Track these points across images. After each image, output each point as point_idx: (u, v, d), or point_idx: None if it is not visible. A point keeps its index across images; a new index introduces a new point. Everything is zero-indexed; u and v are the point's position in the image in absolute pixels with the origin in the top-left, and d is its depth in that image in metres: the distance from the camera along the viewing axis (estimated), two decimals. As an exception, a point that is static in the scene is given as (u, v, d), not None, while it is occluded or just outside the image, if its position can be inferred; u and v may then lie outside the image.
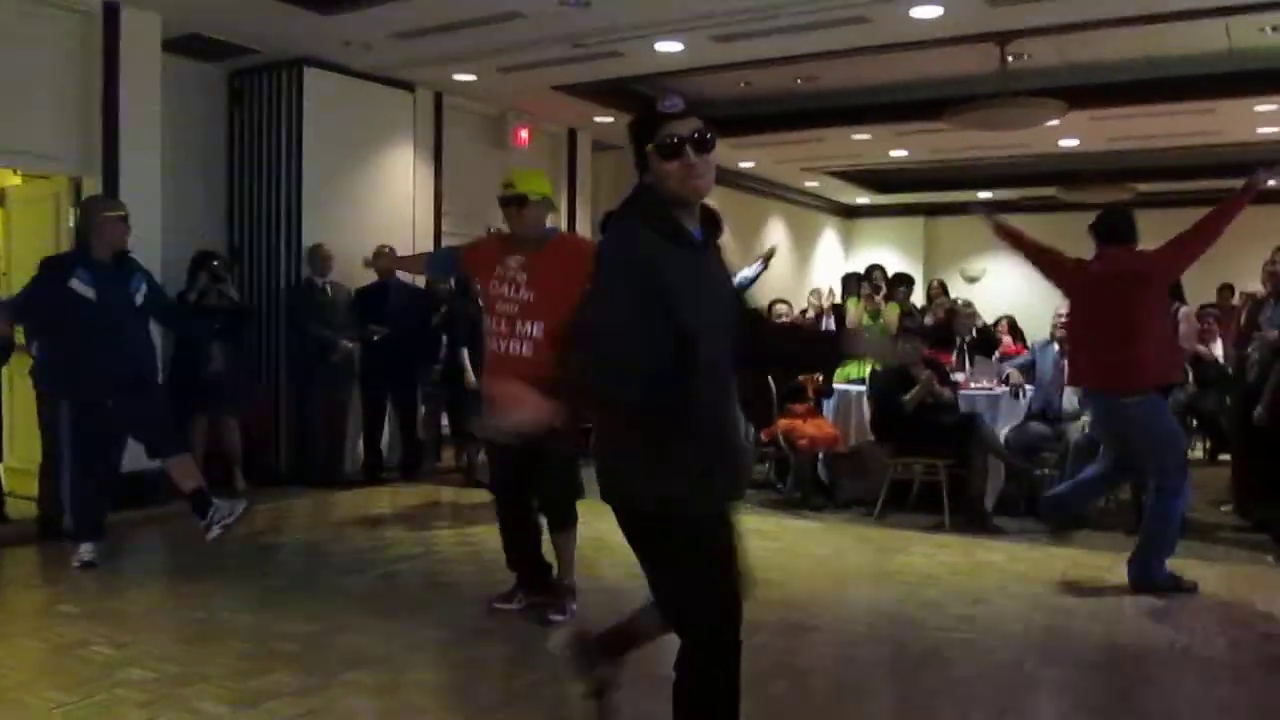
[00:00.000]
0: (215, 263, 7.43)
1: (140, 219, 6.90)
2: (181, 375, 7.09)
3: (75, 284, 5.28)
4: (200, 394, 7.22)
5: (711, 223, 2.58)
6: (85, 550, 5.37)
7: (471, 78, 9.02)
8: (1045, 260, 5.42)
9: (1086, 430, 6.78)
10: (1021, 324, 10.53)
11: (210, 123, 8.48)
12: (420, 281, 8.35)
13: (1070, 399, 7.09)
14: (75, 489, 5.55)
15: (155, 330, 5.94)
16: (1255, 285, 7.50)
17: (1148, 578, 5.08)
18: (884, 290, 8.84)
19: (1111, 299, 5.05)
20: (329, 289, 8.08)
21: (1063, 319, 7.31)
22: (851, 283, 9.53)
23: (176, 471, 5.53)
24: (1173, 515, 5.12)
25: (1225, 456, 8.89)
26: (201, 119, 8.36)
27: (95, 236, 5.43)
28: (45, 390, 5.66)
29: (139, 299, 5.54)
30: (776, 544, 6.29)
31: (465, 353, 7.80)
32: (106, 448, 5.57)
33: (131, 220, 6.53)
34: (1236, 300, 7.62)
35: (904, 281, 9.57)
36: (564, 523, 4.67)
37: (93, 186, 6.86)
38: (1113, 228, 5.22)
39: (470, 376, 7.72)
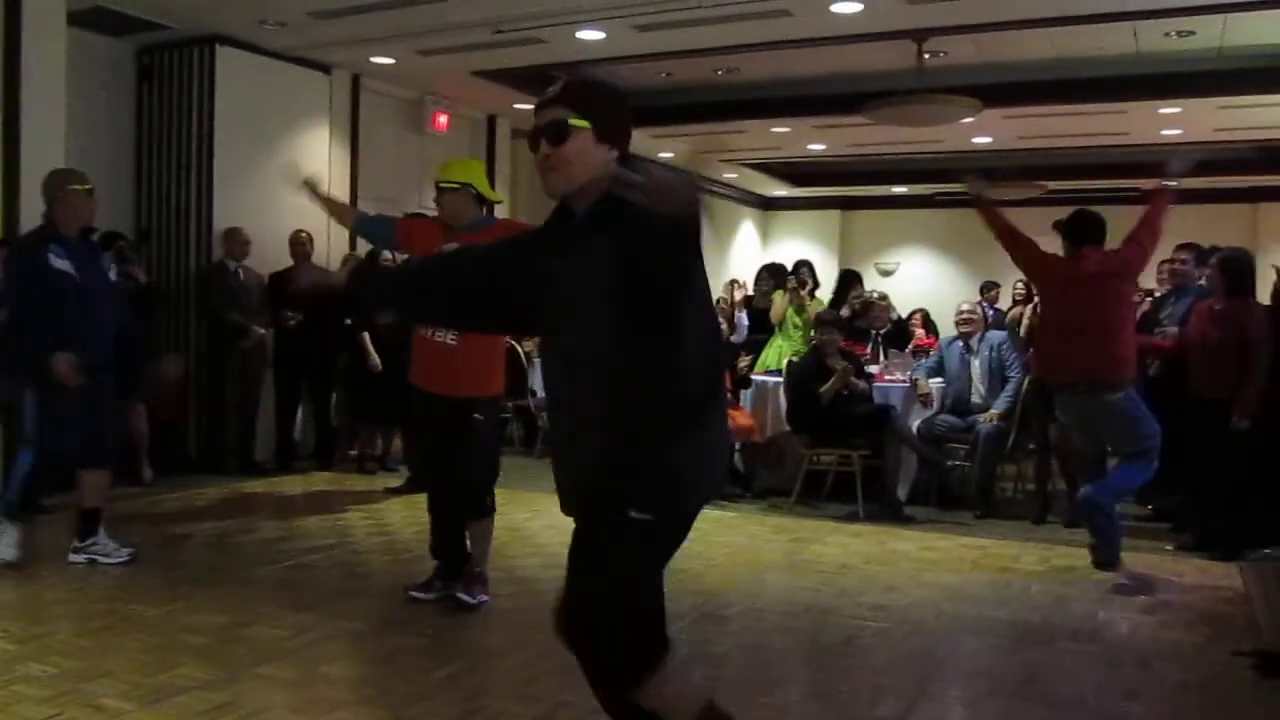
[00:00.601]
0: (122, 244, 7.24)
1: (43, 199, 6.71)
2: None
3: (54, 261, 4.94)
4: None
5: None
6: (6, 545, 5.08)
7: (390, 61, 8.88)
8: (1022, 249, 5.49)
9: (995, 422, 6.94)
10: (935, 317, 10.72)
11: (117, 101, 8.23)
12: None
13: (979, 391, 7.25)
14: (33, 476, 5.25)
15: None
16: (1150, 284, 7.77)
17: (1106, 498, 5.30)
18: (810, 286, 8.94)
19: (1098, 296, 5.19)
20: (241, 273, 7.90)
21: (964, 314, 7.47)
22: (766, 274, 9.58)
23: (90, 482, 5.19)
24: (1139, 477, 5.40)
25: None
26: (108, 96, 8.11)
27: (61, 211, 5.07)
28: (19, 370, 5.21)
29: (111, 276, 5.35)
30: (692, 533, 6.25)
31: (366, 336, 7.72)
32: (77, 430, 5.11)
33: (33, 198, 6.30)
34: (1135, 297, 7.82)
35: (856, 281, 9.63)
36: (481, 509, 4.65)
37: (-8, 165, 6.61)
38: (1092, 228, 5.37)
39: (374, 360, 7.66)
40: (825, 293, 10.08)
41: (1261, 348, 5.76)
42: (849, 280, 9.63)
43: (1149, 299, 7.55)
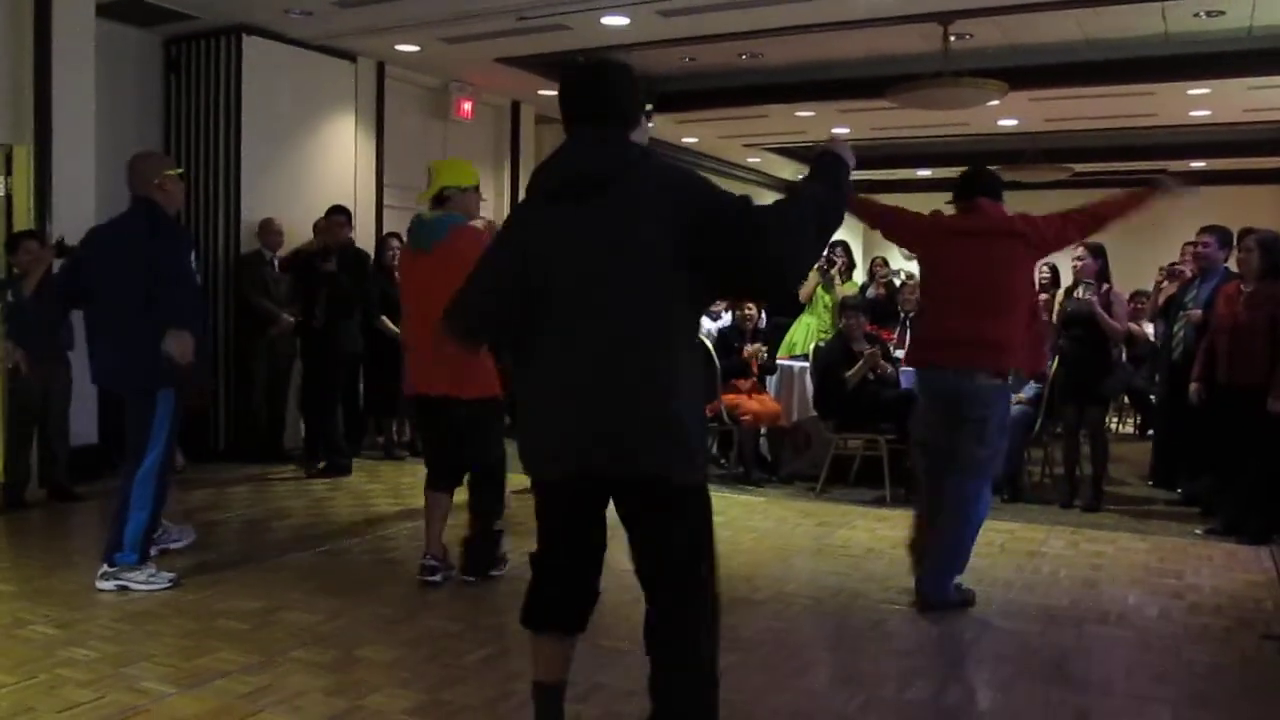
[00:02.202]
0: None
1: (74, 188, 6.79)
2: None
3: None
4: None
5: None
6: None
7: (414, 48, 8.91)
8: (890, 219, 4.70)
9: (1023, 406, 6.92)
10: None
11: (146, 91, 8.29)
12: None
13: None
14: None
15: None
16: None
17: (940, 595, 4.52)
18: (839, 264, 8.93)
19: (989, 257, 4.35)
20: (276, 263, 7.96)
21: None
22: None
23: None
24: (978, 520, 4.59)
25: (1154, 432, 9.14)
26: (137, 87, 8.18)
27: (162, 197, 4.69)
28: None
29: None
30: (720, 519, 6.25)
31: (385, 320, 7.80)
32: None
33: (64, 188, 6.35)
34: (1158, 274, 7.79)
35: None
36: (491, 490, 4.89)
37: (25, 155, 6.69)
38: (986, 181, 4.63)
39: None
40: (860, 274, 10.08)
41: None
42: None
43: (1166, 273, 7.48)
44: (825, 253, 9.00)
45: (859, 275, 10.52)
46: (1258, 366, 5.72)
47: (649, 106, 2.67)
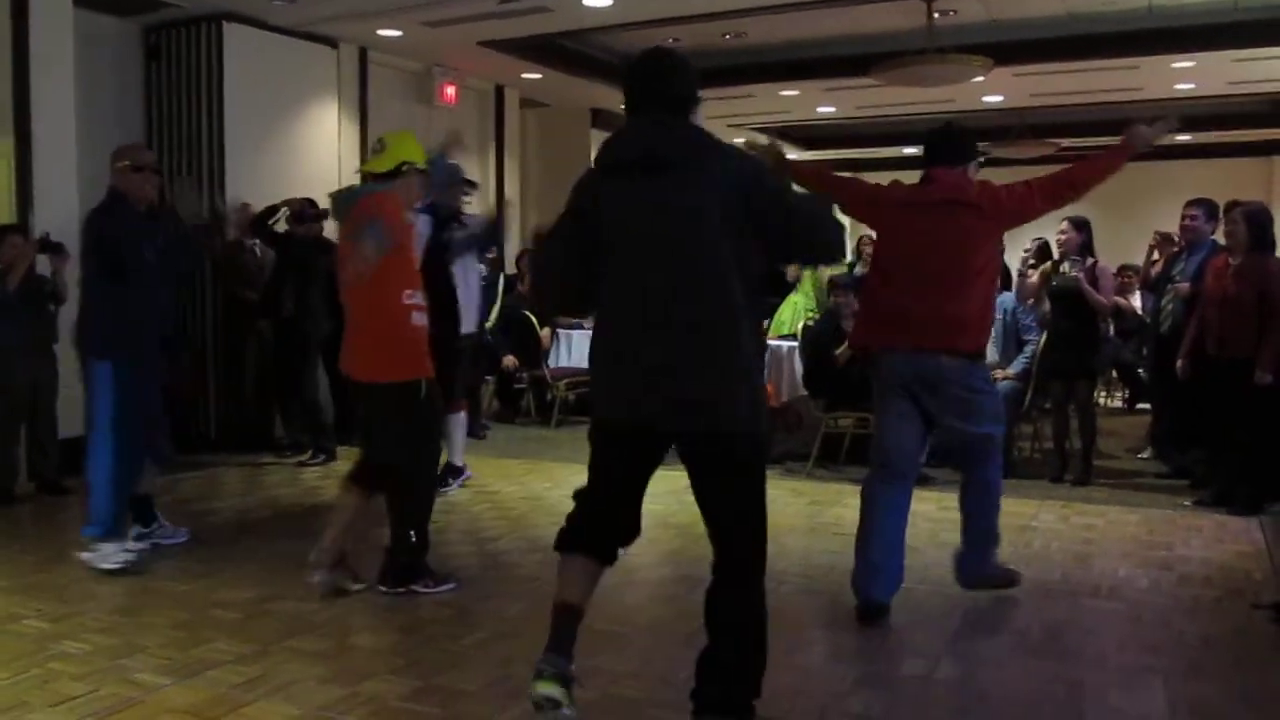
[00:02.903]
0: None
1: (56, 180, 6.74)
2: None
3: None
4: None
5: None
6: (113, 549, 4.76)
7: (397, 33, 8.85)
8: (843, 191, 4.36)
9: (1010, 381, 6.94)
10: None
11: (126, 80, 8.23)
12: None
13: (992, 351, 7.23)
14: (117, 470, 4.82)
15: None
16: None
17: (983, 572, 4.43)
18: None
19: (942, 232, 4.05)
20: (258, 250, 7.91)
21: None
22: None
23: (146, 471, 5.13)
24: (999, 493, 4.43)
25: (1144, 405, 9.18)
26: (117, 76, 8.12)
27: (123, 185, 4.87)
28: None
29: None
30: (713, 499, 6.34)
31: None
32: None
33: (46, 181, 6.33)
34: (1153, 238, 7.74)
35: None
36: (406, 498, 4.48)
37: (5, 147, 6.64)
38: (946, 146, 4.28)
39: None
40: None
41: None
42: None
43: (1160, 240, 7.47)
44: None
45: (847, 254, 10.50)
46: (1246, 339, 5.75)
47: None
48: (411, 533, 4.39)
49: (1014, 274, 8.72)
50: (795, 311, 8.62)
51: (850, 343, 5.40)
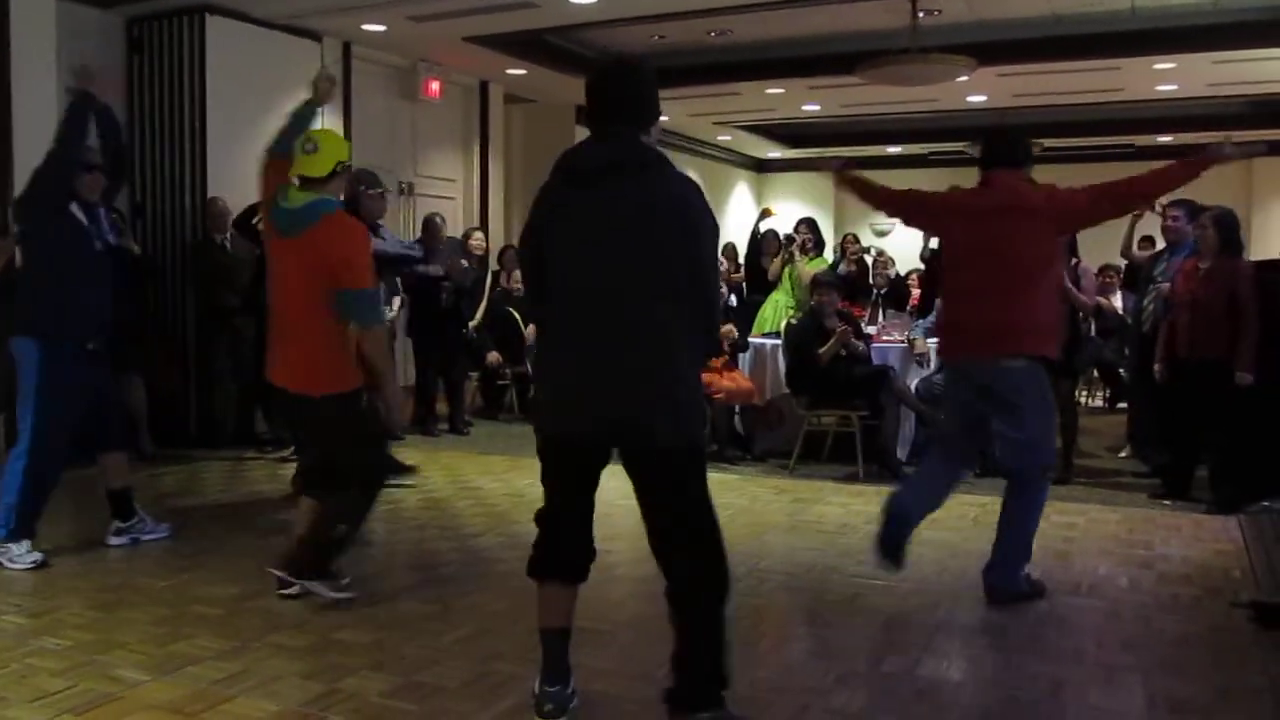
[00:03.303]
0: (115, 216, 7.21)
1: (37, 173, 6.68)
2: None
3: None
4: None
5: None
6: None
7: (381, 28, 8.83)
8: (905, 203, 4.47)
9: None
10: (931, 277, 10.73)
11: (109, 73, 8.13)
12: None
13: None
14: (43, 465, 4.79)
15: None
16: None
17: (1012, 586, 4.34)
18: (798, 242, 8.89)
19: (1004, 237, 4.06)
20: (228, 245, 7.85)
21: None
22: (773, 236, 9.57)
23: (114, 464, 5.11)
24: (1040, 507, 4.42)
25: (1123, 405, 9.23)
26: (99, 69, 8.03)
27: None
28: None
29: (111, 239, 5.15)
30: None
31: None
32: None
33: (27, 174, 6.26)
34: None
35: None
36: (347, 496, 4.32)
37: (-16, 140, 6.59)
38: (1003, 146, 4.30)
39: None
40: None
41: (1253, 303, 5.82)
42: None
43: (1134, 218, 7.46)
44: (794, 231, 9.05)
45: (829, 252, 10.53)
46: (1218, 340, 5.84)
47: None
48: (342, 527, 4.23)
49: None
50: (777, 309, 8.62)
51: (940, 354, 5.26)
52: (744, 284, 9.95)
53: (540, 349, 3.13)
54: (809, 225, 9.04)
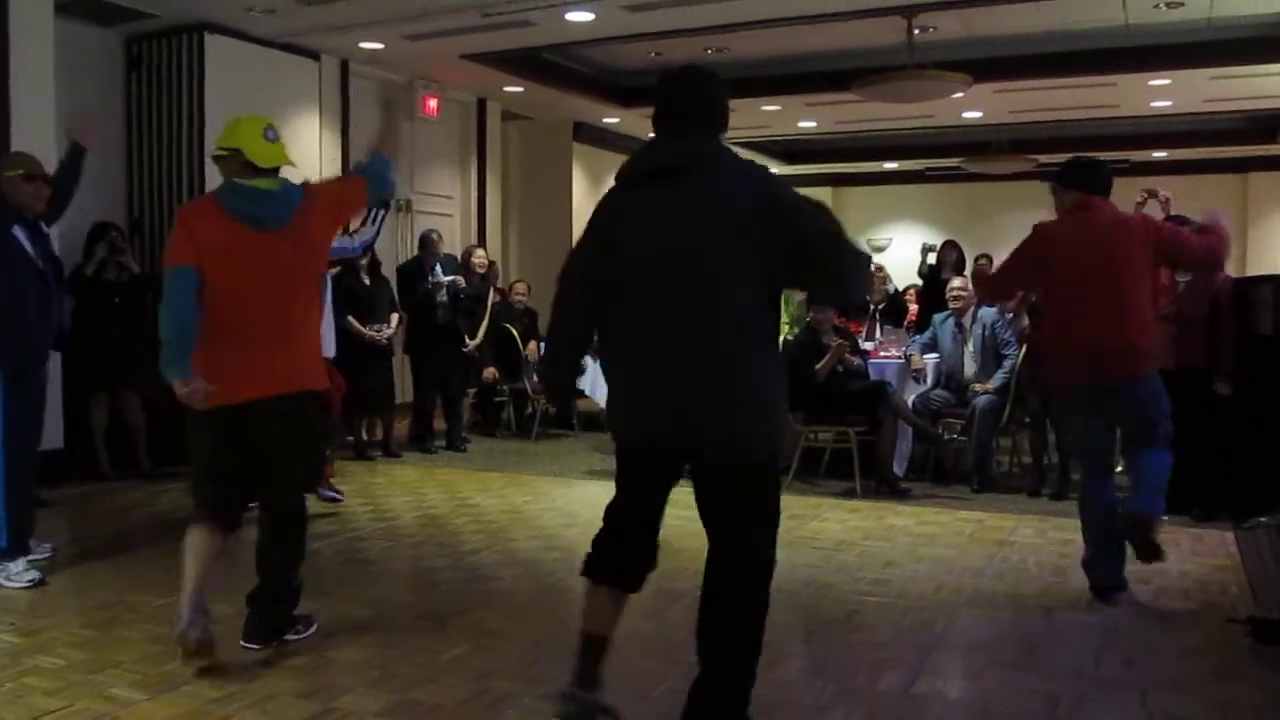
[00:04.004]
0: (114, 234, 7.24)
1: None
2: (82, 350, 6.86)
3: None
4: (101, 369, 7.04)
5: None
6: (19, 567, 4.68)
7: (378, 46, 8.87)
8: (1023, 269, 4.76)
9: (990, 395, 6.97)
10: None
11: (107, 90, 8.20)
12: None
13: (972, 367, 7.27)
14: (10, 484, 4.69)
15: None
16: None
17: (1158, 507, 4.64)
18: None
19: (1115, 258, 4.39)
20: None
21: (956, 292, 7.46)
22: None
23: None
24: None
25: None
26: (98, 87, 8.08)
27: (11, 194, 4.83)
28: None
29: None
30: (691, 512, 6.29)
31: (352, 320, 7.69)
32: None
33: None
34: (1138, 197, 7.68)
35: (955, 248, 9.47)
36: (300, 532, 4.04)
37: (-18, 157, 6.59)
38: (1099, 175, 4.59)
39: (370, 336, 7.63)
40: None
41: (1232, 317, 5.97)
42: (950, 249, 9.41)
43: None
44: None
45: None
46: (1198, 350, 5.95)
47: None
48: (300, 573, 3.96)
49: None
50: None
51: (1048, 381, 5.44)
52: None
53: (610, 356, 3.00)
54: None
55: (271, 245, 3.65)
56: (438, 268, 8.44)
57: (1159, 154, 14.25)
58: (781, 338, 7.78)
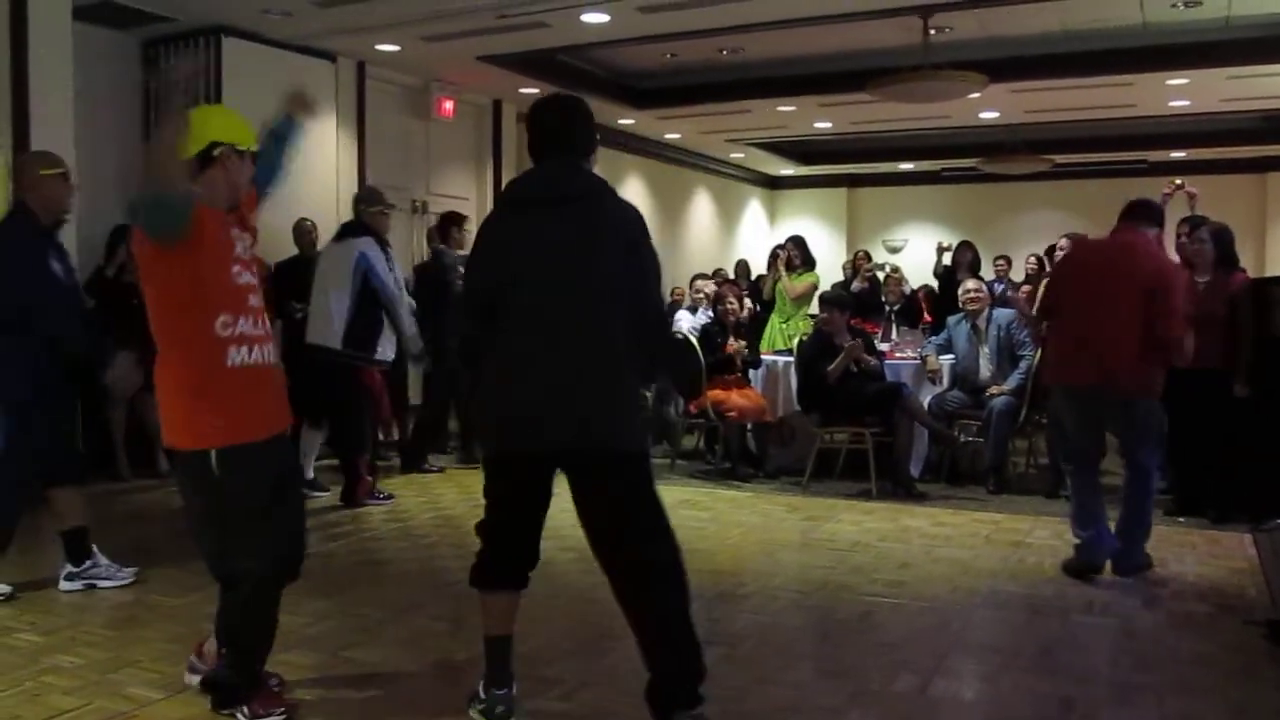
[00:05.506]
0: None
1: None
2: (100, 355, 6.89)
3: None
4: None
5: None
6: None
7: (394, 48, 8.89)
8: (1053, 298, 5.20)
9: (1005, 396, 6.94)
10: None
11: (124, 94, 8.25)
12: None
13: (988, 369, 7.24)
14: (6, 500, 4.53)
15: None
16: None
17: (1138, 561, 4.96)
18: (784, 258, 8.97)
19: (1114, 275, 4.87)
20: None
21: (970, 294, 7.45)
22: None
23: (64, 503, 4.68)
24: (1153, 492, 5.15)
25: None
26: (116, 90, 8.13)
27: (34, 199, 4.52)
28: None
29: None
30: (707, 514, 6.36)
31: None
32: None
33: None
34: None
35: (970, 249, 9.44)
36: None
37: (2, 161, 6.64)
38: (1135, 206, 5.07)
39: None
40: (826, 269, 10.11)
41: (1250, 316, 5.94)
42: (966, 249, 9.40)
43: None
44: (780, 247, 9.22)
45: (829, 267, 10.56)
46: (1216, 351, 5.88)
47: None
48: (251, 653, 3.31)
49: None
50: (773, 330, 8.75)
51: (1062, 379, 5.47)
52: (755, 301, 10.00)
53: (489, 369, 3.05)
54: (795, 242, 9.14)
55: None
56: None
57: (1177, 154, 14.17)
58: (797, 339, 7.80)
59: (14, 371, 4.38)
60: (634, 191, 13.34)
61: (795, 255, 8.94)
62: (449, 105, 10.31)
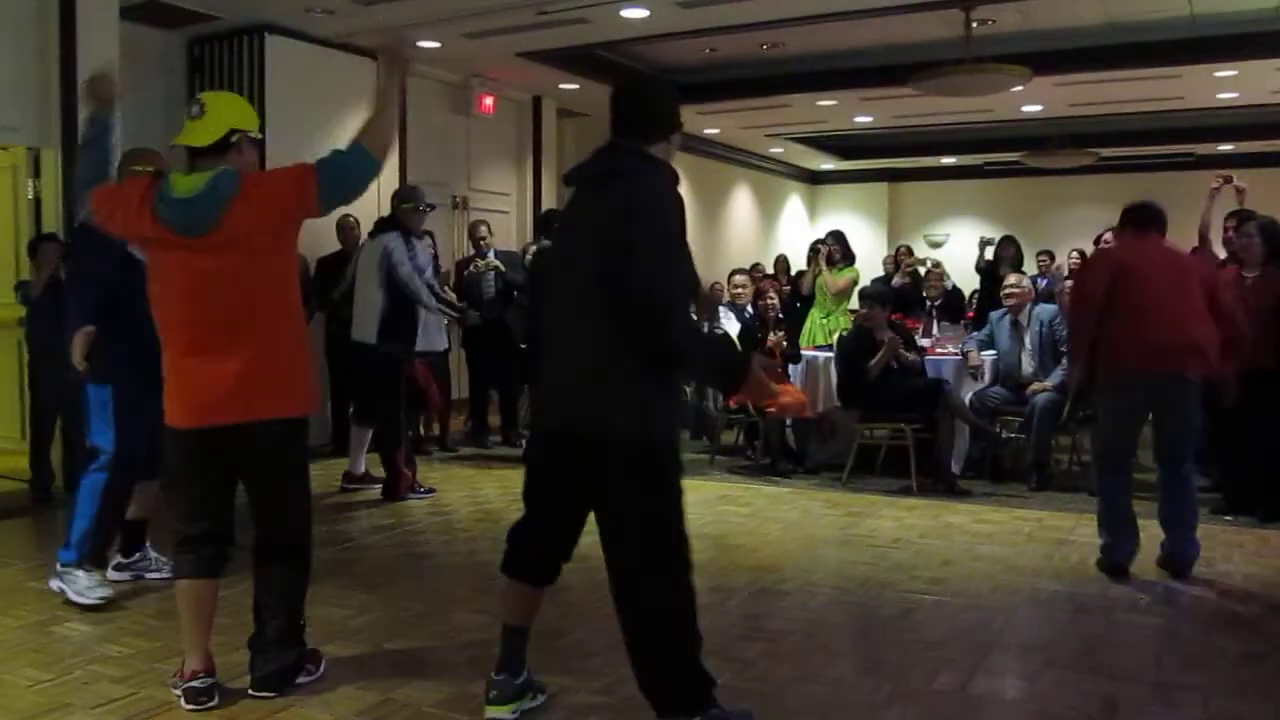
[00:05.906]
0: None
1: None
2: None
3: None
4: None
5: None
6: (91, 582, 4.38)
7: (436, 44, 8.94)
8: (1090, 306, 4.96)
9: (1049, 392, 6.87)
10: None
11: (170, 92, 8.35)
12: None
13: (1030, 364, 7.17)
14: (112, 496, 4.45)
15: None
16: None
17: (1194, 552, 4.92)
18: (823, 253, 8.93)
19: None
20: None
21: (1010, 289, 7.39)
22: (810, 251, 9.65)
23: (142, 495, 4.66)
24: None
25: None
26: (161, 88, 8.23)
27: None
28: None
29: None
30: (746, 509, 6.35)
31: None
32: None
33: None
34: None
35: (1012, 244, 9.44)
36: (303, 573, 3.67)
37: (51, 157, 6.77)
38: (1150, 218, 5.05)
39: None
40: (867, 264, 10.06)
41: None
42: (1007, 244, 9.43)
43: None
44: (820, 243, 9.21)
45: (870, 262, 10.49)
46: (1264, 350, 5.75)
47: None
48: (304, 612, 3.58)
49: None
50: (813, 325, 8.72)
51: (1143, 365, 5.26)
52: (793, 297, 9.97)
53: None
54: (835, 237, 9.10)
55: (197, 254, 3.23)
56: (490, 254, 8.48)
57: (1225, 147, 13.94)
58: (838, 334, 7.77)
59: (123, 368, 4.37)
60: (673, 187, 13.33)
61: (835, 250, 8.91)
62: (489, 101, 10.35)
